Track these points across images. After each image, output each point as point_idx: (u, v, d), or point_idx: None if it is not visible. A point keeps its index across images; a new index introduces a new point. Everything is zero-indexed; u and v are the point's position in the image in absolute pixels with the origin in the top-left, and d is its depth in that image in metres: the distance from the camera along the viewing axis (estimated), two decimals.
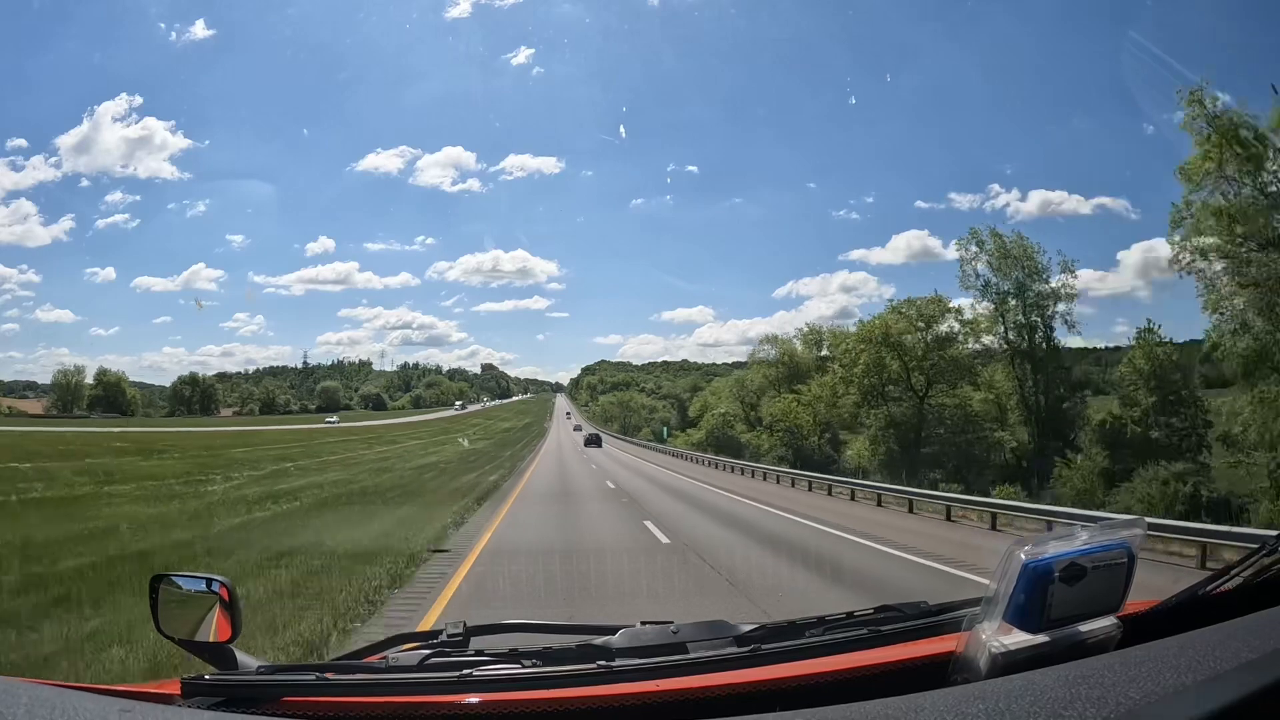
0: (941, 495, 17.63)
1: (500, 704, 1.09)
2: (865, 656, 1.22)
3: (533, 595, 7.39)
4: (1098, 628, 1.10)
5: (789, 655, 1.23)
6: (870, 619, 1.40)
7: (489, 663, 1.24)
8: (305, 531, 11.79)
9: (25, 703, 0.88)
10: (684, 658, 1.24)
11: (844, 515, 15.66)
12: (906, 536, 12.18)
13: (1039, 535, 1.13)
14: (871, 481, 23.29)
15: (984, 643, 1.07)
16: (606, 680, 1.15)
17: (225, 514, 14.21)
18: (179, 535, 11.44)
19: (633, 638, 1.34)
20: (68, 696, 0.93)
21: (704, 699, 1.09)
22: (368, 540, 10.67)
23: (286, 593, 7.45)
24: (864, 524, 13.88)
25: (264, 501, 16.30)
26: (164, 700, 1.12)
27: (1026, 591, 1.06)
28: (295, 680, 1.19)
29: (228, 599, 1.38)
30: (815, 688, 1.10)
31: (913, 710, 0.90)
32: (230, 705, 1.11)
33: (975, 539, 12.72)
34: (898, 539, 11.85)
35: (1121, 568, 1.11)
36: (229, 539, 11.19)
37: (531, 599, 7.19)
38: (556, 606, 6.54)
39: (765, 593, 7.62)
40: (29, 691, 0.93)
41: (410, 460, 32.75)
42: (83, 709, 0.89)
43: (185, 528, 12.31)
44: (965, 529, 14.11)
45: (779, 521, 14.72)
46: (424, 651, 1.36)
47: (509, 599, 7.39)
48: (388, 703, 1.11)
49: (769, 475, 27.71)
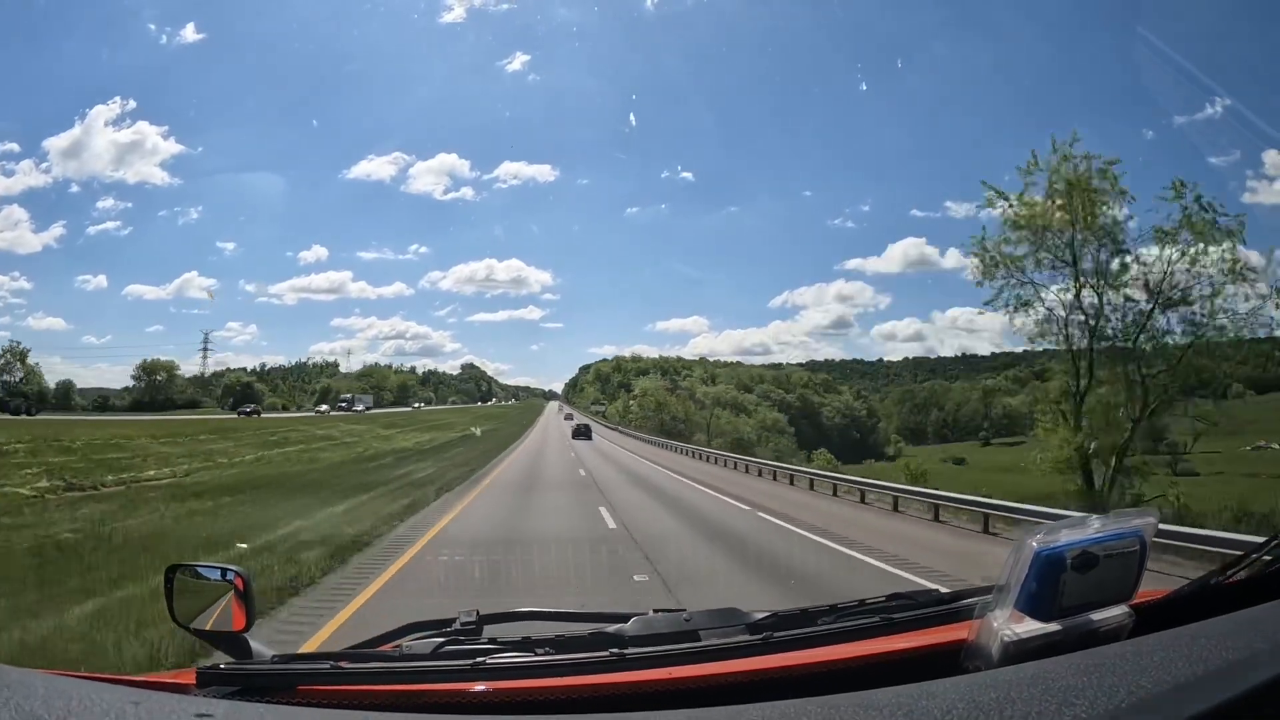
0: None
1: (513, 692, 1.10)
2: (877, 644, 1.22)
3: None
4: (1110, 616, 1.10)
5: (801, 643, 1.24)
6: (882, 607, 1.40)
7: (502, 651, 1.25)
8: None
9: (42, 694, 0.89)
10: (696, 645, 1.25)
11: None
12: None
13: (1051, 524, 1.13)
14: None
15: (996, 631, 1.08)
16: (619, 668, 1.16)
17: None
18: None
19: (645, 625, 1.35)
20: (83, 687, 0.94)
21: (716, 686, 1.09)
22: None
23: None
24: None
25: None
26: (179, 690, 1.13)
27: (1038, 580, 1.06)
28: (310, 669, 1.20)
29: (242, 589, 1.39)
30: (827, 675, 1.10)
31: (925, 698, 0.91)
32: (246, 694, 1.12)
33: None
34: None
35: (1134, 556, 1.11)
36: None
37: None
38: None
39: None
40: (45, 682, 0.94)
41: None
42: (99, 699, 0.90)
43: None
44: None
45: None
46: (437, 640, 1.37)
47: None
48: (401, 690, 1.12)
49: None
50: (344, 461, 28.27)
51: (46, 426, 33.46)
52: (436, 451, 33.56)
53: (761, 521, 13.69)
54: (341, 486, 18.05)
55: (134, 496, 16.43)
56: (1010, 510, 12.32)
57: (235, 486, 18.27)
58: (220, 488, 17.95)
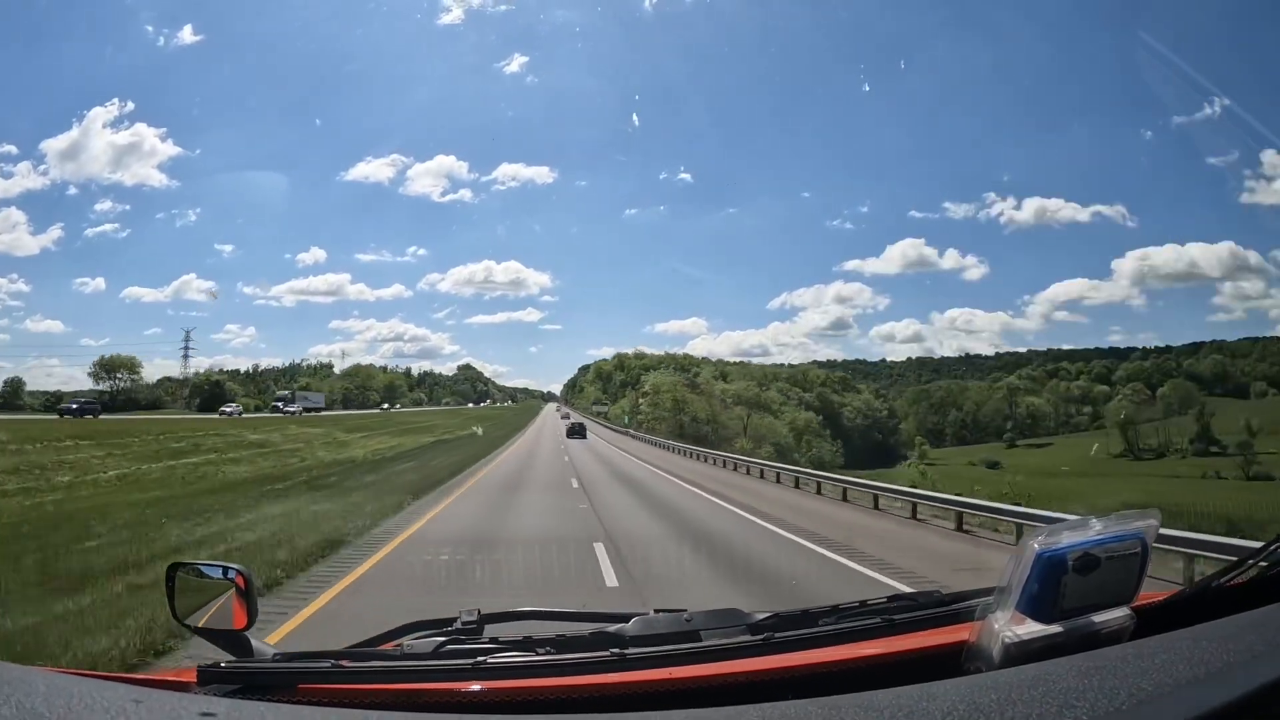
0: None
1: (514, 691, 1.10)
2: (878, 645, 1.22)
3: None
4: (1111, 618, 1.09)
5: (802, 644, 1.23)
6: (883, 608, 1.40)
7: (502, 650, 1.25)
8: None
9: (42, 691, 0.90)
10: (697, 645, 1.25)
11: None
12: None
13: (1053, 525, 1.12)
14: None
15: (997, 632, 1.07)
16: (619, 668, 1.16)
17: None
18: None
19: (646, 625, 1.35)
20: (84, 684, 0.95)
21: (717, 687, 1.09)
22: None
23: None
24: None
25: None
26: (180, 688, 1.13)
27: (1040, 581, 1.06)
28: (310, 668, 1.20)
29: (244, 587, 1.40)
30: (828, 676, 1.10)
31: (926, 699, 0.90)
32: (246, 693, 1.13)
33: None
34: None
35: (1135, 558, 1.10)
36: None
37: None
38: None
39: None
40: (46, 680, 0.95)
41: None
42: (99, 697, 0.91)
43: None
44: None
45: None
46: (438, 639, 1.37)
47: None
48: (402, 690, 1.13)
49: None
50: (245, 481, 19.59)
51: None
52: (386, 465, 24.86)
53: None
54: (181, 528, 10.94)
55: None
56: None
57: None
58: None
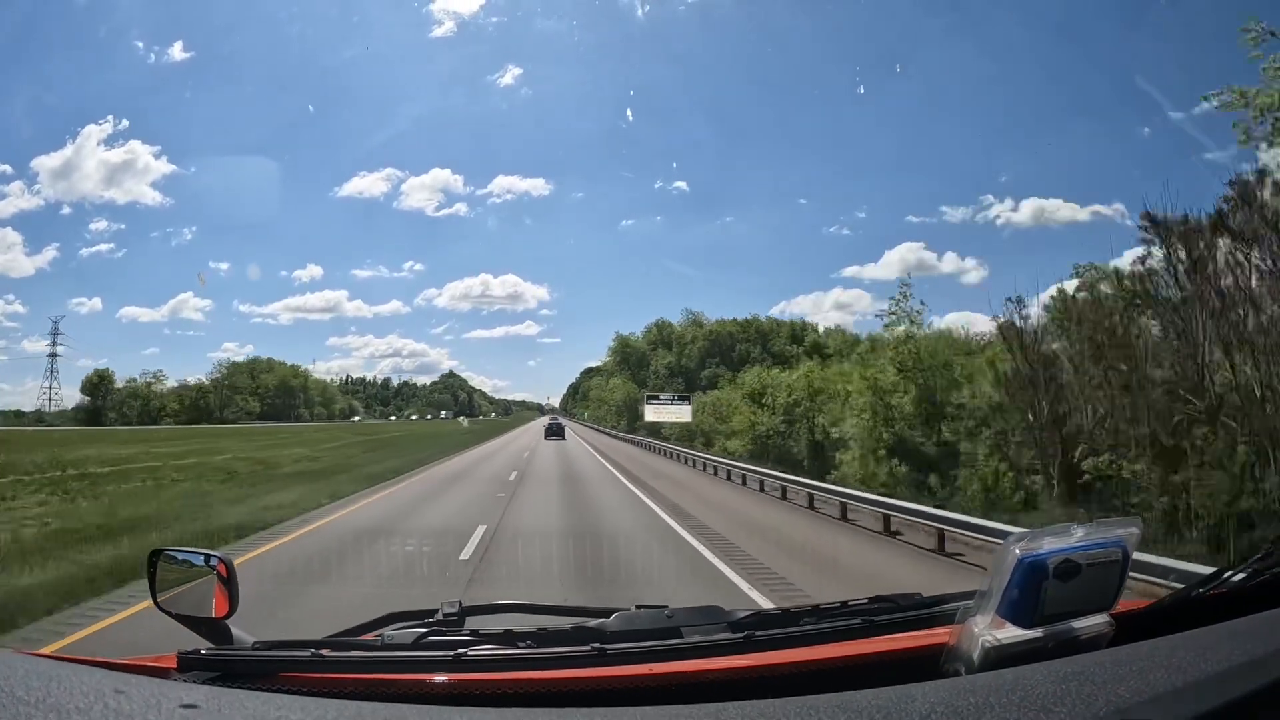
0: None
1: (494, 684, 1.09)
2: (858, 646, 1.23)
3: None
4: (1090, 625, 1.10)
5: (782, 643, 1.24)
6: (864, 609, 1.40)
7: (483, 643, 1.25)
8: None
9: (21, 675, 0.88)
10: (678, 642, 1.25)
11: None
12: None
13: (1034, 531, 1.14)
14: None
15: (976, 636, 1.08)
16: (600, 663, 1.16)
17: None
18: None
19: (627, 621, 1.35)
20: (63, 669, 0.94)
21: (697, 683, 1.09)
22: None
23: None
24: None
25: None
26: (160, 674, 1.12)
27: (1020, 586, 1.07)
28: (291, 656, 1.19)
29: (226, 575, 1.38)
30: (808, 675, 1.11)
31: (904, 700, 0.91)
32: (226, 680, 1.12)
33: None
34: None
35: (1115, 566, 1.11)
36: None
37: None
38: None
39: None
40: (24, 664, 0.94)
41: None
42: (79, 681, 0.90)
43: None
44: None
45: None
46: (419, 630, 1.37)
47: None
48: (382, 679, 1.12)
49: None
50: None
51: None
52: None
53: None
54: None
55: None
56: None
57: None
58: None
